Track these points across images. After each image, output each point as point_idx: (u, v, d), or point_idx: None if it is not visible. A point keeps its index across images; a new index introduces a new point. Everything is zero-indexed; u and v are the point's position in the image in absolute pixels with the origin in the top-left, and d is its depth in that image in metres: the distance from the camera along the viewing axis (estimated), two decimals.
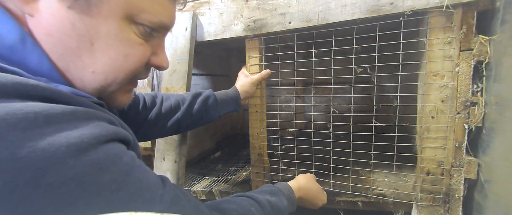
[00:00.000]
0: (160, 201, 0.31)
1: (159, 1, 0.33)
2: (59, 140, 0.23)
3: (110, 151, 0.27)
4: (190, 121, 0.67)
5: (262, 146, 0.80)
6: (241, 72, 0.79)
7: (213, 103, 0.68)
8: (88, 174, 0.24)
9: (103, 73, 0.32)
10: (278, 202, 0.50)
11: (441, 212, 0.61)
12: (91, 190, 0.24)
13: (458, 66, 0.56)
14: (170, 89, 0.77)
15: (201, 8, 0.77)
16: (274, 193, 0.52)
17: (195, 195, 0.86)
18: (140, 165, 0.31)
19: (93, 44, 0.30)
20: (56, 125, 0.24)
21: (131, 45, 0.33)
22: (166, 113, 0.63)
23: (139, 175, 0.29)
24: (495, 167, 0.53)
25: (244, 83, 0.75)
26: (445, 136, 0.59)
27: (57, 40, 0.29)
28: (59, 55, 0.30)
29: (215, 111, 0.69)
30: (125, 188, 0.27)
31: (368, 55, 0.64)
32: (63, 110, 0.25)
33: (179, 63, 0.76)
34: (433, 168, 0.61)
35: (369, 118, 0.66)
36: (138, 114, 0.59)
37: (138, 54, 0.34)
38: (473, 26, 0.54)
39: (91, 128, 0.26)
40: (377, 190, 0.71)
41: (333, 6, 0.63)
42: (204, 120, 0.69)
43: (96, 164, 0.25)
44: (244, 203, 0.45)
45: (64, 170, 0.23)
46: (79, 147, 0.24)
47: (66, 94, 0.27)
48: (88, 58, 0.31)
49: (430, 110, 0.59)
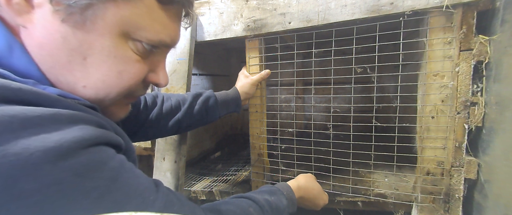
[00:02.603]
0: (151, 207, 0.30)
1: (159, 20, 0.32)
2: (35, 144, 0.22)
3: (93, 156, 0.25)
4: (191, 122, 0.66)
5: (262, 146, 0.80)
6: (241, 72, 0.79)
7: (214, 104, 0.68)
8: (66, 181, 0.23)
9: (95, 89, 0.31)
10: (277, 201, 0.50)
11: (441, 212, 0.61)
12: (70, 199, 0.23)
13: (458, 66, 0.56)
14: (170, 89, 0.77)
15: (201, 8, 0.77)
16: (273, 192, 0.52)
17: (195, 195, 0.86)
18: (130, 170, 0.30)
19: (86, 59, 0.29)
20: (34, 129, 0.22)
21: (126, 62, 0.31)
22: (167, 113, 0.63)
23: (128, 181, 0.28)
24: (495, 167, 0.53)
25: (244, 84, 0.75)
26: (445, 136, 0.59)
27: (48, 52, 0.29)
28: (49, 68, 0.29)
29: (216, 112, 0.69)
30: (109, 196, 0.26)
31: (368, 55, 0.64)
32: (42, 113, 0.24)
33: (179, 63, 0.76)
34: (433, 168, 0.61)
35: (369, 118, 0.66)
36: (139, 115, 0.59)
37: (133, 71, 0.32)
38: (473, 26, 0.54)
39: (74, 132, 0.25)
40: (377, 190, 0.71)
41: (333, 6, 0.63)
42: (204, 121, 0.69)
43: (76, 170, 0.23)
44: (242, 204, 0.45)
45: (39, 177, 0.21)
46: (58, 152, 0.22)
47: (51, 97, 0.26)
48: (80, 72, 0.30)
49: (430, 110, 0.59)
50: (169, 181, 0.73)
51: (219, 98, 0.69)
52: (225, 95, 0.71)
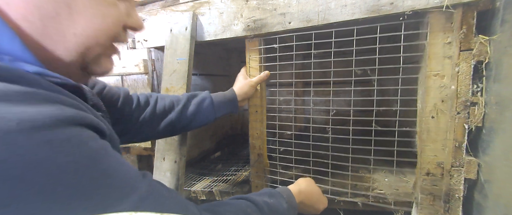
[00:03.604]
0: (133, 191, 0.28)
1: None
2: (9, 116, 0.21)
3: (73, 134, 0.24)
4: (185, 123, 0.66)
5: (262, 146, 0.80)
6: (240, 73, 0.79)
7: (209, 105, 0.67)
8: (40, 153, 0.22)
9: (84, 35, 0.32)
10: (276, 204, 0.50)
11: (441, 212, 0.61)
12: (43, 172, 0.22)
13: (458, 66, 0.56)
14: (170, 89, 0.77)
15: (201, 8, 0.77)
16: (273, 195, 0.51)
17: (195, 195, 0.86)
18: (114, 155, 0.29)
19: (70, 7, 0.30)
20: (9, 103, 0.22)
21: (107, 5, 0.34)
22: (160, 113, 0.62)
23: (110, 164, 0.27)
24: (495, 167, 0.53)
25: (242, 85, 0.75)
26: (445, 136, 0.59)
27: (35, 6, 0.29)
28: (39, 22, 0.29)
29: (211, 113, 0.68)
30: (87, 173, 0.24)
31: (369, 56, 0.64)
32: (18, 90, 0.23)
33: (179, 63, 0.76)
34: (433, 168, 0.61)
35: (369, 118, 0.66)
36: (131, 113, 0.59)
37: (114, 13, 0.35)
38: (473, 26, 0.54)
39: (51, 110, 0.24)
40: (377, 190, 0.71)
41: (333, 6, 0.63)
42: (199, 122, 0.68)
43: (52, 144, 0.22)
44: (241, 205, 0.45)
45: (11, 147, 0.20)
46: (33, 124, 0.22)
47: (28, 76, 0.26)
48: (67, 20, 0.31)
49: (430, 110, 0.59)
50: (169, 181, 0.73)
51: (215, 99, 0.69)
52: (222, 96, 0.71)
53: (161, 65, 0.89)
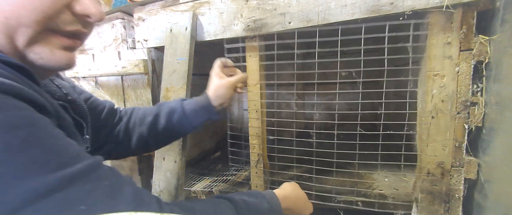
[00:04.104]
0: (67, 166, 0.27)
1: None
2: None
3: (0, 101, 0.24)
4: (159, 139, 0.62)
5: (262, 146, 0.80)
6: (214, 72, 0.66)
7: (181, 117, 0.61)
8: None
9: (2, 12, 0.28)
10: (256, 203, 0.48)
11: (441, 212, 0.61)
12: None
13: (458, 66, 0.56)
14: (170, 89, 0.77)
15: (201, 8, 0.77)
16: (253, 195, 0.50)
17: (195, 195, 0.86)
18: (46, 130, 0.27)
19: None
20: None
21: None
22: (132, 127, 0.60)
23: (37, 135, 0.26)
24: (495, 167, 0.53)
25: (217, 86, 0.63)
26: (445, 136, 0.59)
27: None
28: None
29: (186, 124, 0.61)
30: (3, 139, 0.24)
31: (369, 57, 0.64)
32: None
33: (179, 63, 0.76)
34: (433, 168, 0.61)
35: (369, 118, 0.66)
36: (114, 126, 0.59)
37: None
38: (473, 26, 0.54)
39: None
40: (377, 190, 0.71)
41: (333, 6, 0.63)
42: (174, 136, 0.64)
43: None
44: (215, 200, 0.45)
45: None
46: None
47: None
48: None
49: (430, 110, 0.59)
50: (169, 181, 0.73)
51: (187, 108, 0.61)
52: (195, 104, 0.62)
53: (161, 65, 0.89)
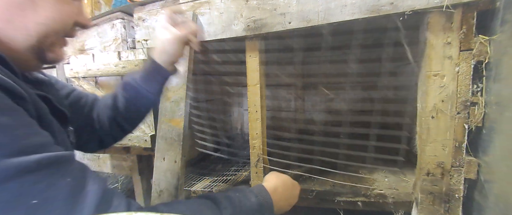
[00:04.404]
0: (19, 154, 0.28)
1: None
2: None
3: None
4: (128, 116, 0.62)
5: (262, 146, 0.80)
6: (160, 24, 0.61)
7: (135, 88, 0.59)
8: None
9: (45, 24, 0.40)
10: (241, 198, 0.49)
11: (441, 212, 0.61)
12: None
13: (458, 66, 0.56)
14: (170, 89, 0.77)
15: (201, 8, 0.77)
16: (239, 190, 0.51)
17: (195, 195, 0.86)
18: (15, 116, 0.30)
19: (34, 2, 0.38)
20: None
21: (63, 3, 0.41)
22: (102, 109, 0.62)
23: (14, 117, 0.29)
24: (495, 167, 0.53)
25: (164, 41, 0.59)
26: (445, 136, 0.59)
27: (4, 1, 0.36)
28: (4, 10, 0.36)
29: (144, 92, 0.59)
30: None
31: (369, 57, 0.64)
32: None
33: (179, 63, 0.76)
34: (433, 168, 0.61)
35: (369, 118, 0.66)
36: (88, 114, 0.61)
37: (69, 10, 0.43)
38: (473, 26, 0.54)
39: None
40: (377, 190, 0.71)
41: (333, 6, 0.63)
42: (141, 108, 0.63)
43: None
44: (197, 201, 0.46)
45: None
46: None
47: None
48: (31, 12, 0.38)
49: (430, 110, 0.59)
50: (169, 181, 0.73)
51: (137, 77, 0.59)
52: (144, 71, 0.59)
53: None
